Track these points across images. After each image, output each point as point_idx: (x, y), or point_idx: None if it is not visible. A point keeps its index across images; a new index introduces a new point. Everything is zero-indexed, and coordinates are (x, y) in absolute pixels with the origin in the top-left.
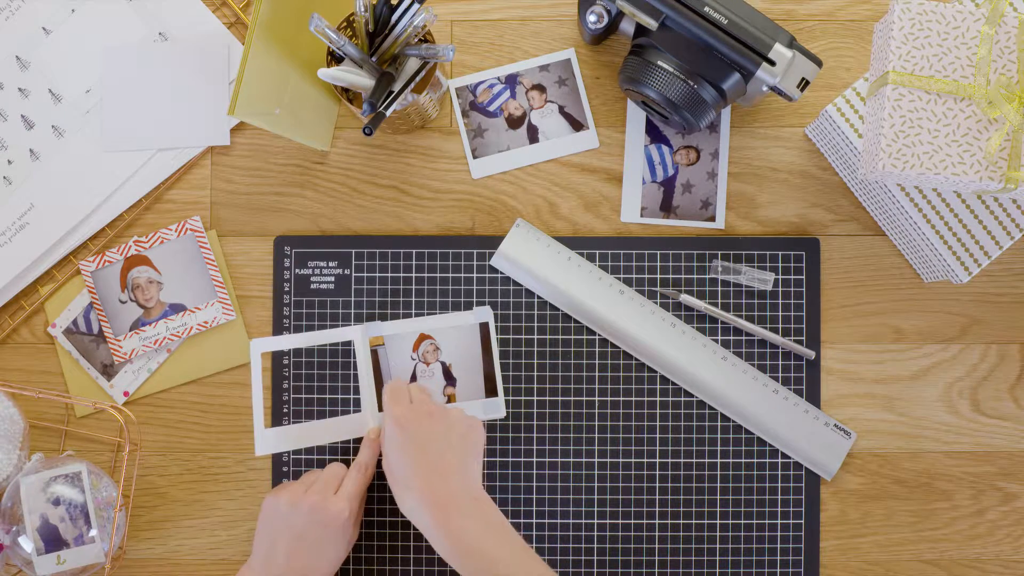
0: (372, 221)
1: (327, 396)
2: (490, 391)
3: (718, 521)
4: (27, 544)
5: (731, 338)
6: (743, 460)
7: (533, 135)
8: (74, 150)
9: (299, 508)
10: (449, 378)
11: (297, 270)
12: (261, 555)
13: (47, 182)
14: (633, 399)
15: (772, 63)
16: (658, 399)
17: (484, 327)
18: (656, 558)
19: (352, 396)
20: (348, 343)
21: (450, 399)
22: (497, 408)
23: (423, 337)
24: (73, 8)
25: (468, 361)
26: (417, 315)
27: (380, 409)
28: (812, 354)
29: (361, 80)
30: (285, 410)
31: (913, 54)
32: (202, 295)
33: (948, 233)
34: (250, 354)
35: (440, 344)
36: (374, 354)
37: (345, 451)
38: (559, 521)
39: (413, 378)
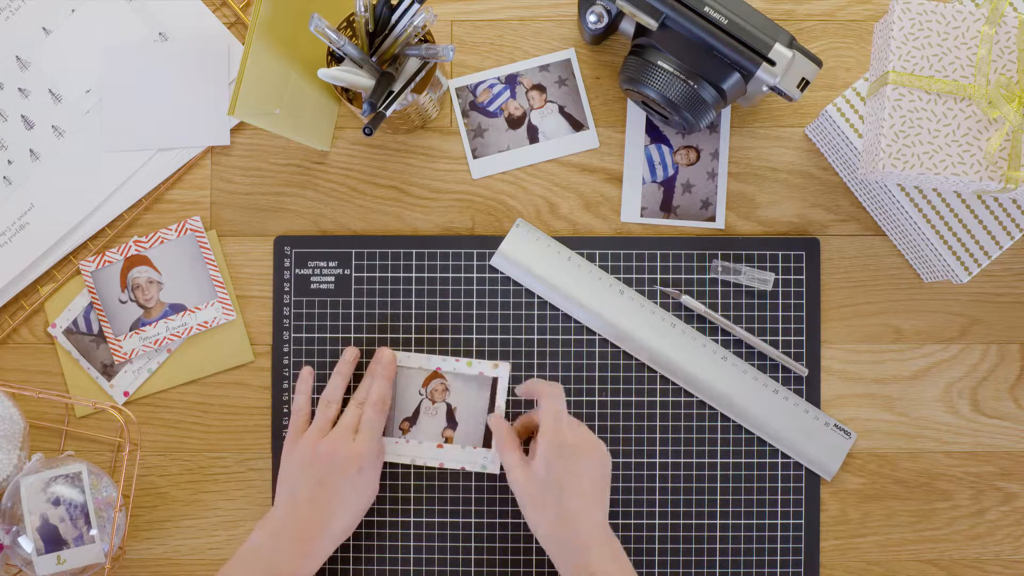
0: (372, 221)
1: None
2: (487, 442)
3: (718, 521)
4: (27, 544)
5: (731, 338)
6: (743, 460)
7: (533, 135)
8: (74, 150)
9: (319, 454)
10: (451, 420)
11: (297, 270)
12: (283, 502)
13: (47, 182)
14: (633, 399)
15: (772, 63)
16: (658, 399)
17: (495, 380)
18: (656, 558)
19: (349, 395)
20: (348, 341)
21: (448, 440)
22: (494, 463)
23: (435, 375)
24: (73, 8)
25: (473, 408)
26: (429, 349)
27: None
28: (806, 371)
29: (361, 80)
30: (285, 410)
31: (913, 54)
32: (202, 295)
33: (948, 233)
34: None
35: (450, 385)
36: None
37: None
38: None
39: (416, 413)
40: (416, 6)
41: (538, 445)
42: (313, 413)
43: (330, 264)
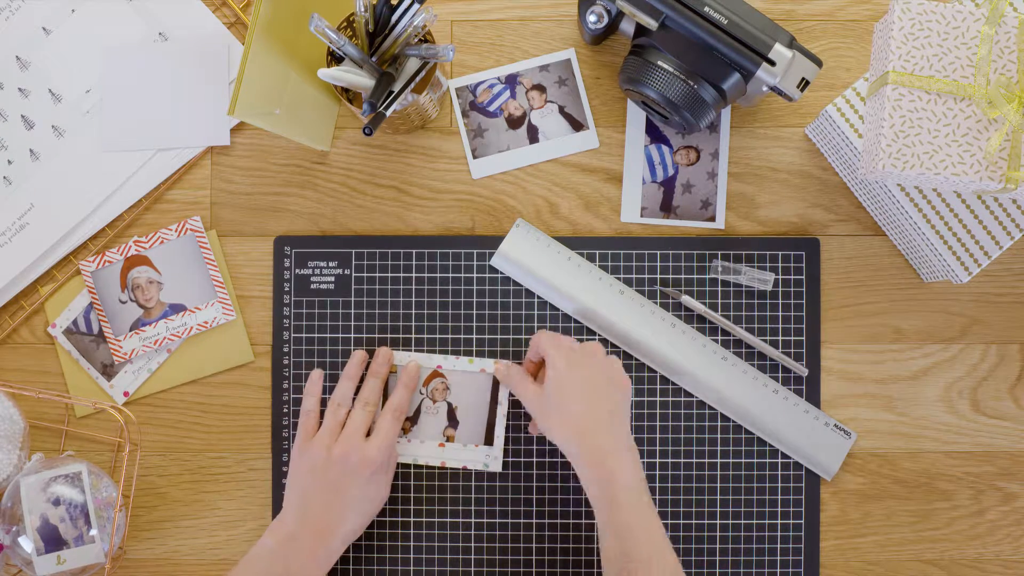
0: (372, 221)
1: (327, 396)
2: (488, 440)
3: (718, 521)
4: (27, 544)
5: (731, 338)
6: (743, 460)
7: (533, 135)
8: (74, 150)
9: (332, 458)
10: (452, 419)
11: (297, 270)
12: (294, 506)
13: (47, 182)
14: (633, 399)
15: (772, 63)
16: (658, 399)
17: (496, 379)
18: None
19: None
20: (348, 341)
21: (449, 439)
22: (497, 460)
23: (435, 374)
24: (73, 8)
25: (474, 407)
26: (430, 349)
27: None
28: (806, 371)
29: (361, 80)
30: (285, 410)
31: (913, 54)
32: (202, 295)
33: (948, 233)
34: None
35: (450, 384)
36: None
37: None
38: (559, 521)
39: (417, 413)
40: (416, 6)
41: (546, 367)
42: (322, 415)
43: (330, 264)
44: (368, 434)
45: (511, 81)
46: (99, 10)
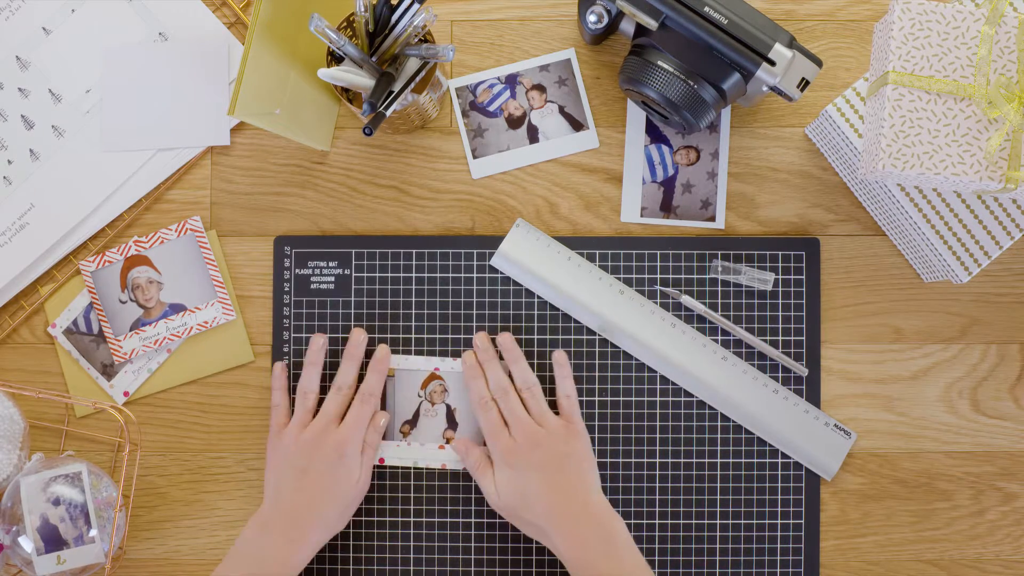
0: (372, 221)
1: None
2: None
3: (718, 521)
4: (27, 544)
5: (731, 338)
6: (743, 460)
7: (533, 135)
8: (74, 150)
9: (301, 443)
10: (451, 422)
11: (297, 270)
12: (269, 496)
13: (47, 182)
14: (633, 399)
15: (772, 63)
16: (658, 399)
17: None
18: (656, 558)
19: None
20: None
21: (449, 441)
22: None
23: (433, 376)
24: (73, 8)
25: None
26: (430, 352)
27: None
28: (806, 371)
29: (361, 80)
30: None
31: (913, 54)
32: (202, 295)
33: (948, 233)
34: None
35: (449, 387)
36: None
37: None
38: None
39: (416, 416)
40: (416, 6)
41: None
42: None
43: (330, 264)
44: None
45: (511, 81)
46: (99, 10)
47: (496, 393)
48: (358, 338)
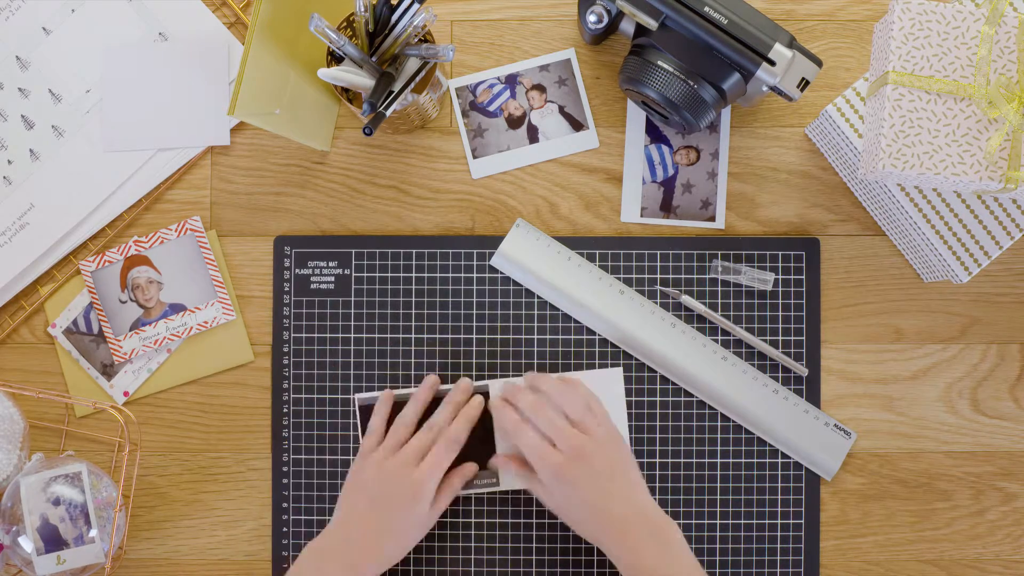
0: (372, 221)
1: (327, 396)
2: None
3: (718, 521)
4: (27, 544)
5: (731, 338)
6: (743, 460)
7: (533, 135)
8: (74, 150)
9: (382, 472)
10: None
11: (297, 270)
12: (338, 517)
13: (47, 182)
14: (633, 399)
15: (772, 63)
16: (658, 399)
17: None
18: None
19: (350, 395)
20: (348, 341)
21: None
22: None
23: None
24: (73, 8)
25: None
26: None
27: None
28: (806, 371)
29: (361, 80)
30: (285, 410)
31: (913, 54)
32: (202, 295)
33: (948, 233)
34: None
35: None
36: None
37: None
38: (559, 521)
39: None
40: (416, 6)
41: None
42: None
43: (330, 264)
44: None
45: (511, 81)
46: (99, 10)
47: (527, 412)
48: (462, 385)
